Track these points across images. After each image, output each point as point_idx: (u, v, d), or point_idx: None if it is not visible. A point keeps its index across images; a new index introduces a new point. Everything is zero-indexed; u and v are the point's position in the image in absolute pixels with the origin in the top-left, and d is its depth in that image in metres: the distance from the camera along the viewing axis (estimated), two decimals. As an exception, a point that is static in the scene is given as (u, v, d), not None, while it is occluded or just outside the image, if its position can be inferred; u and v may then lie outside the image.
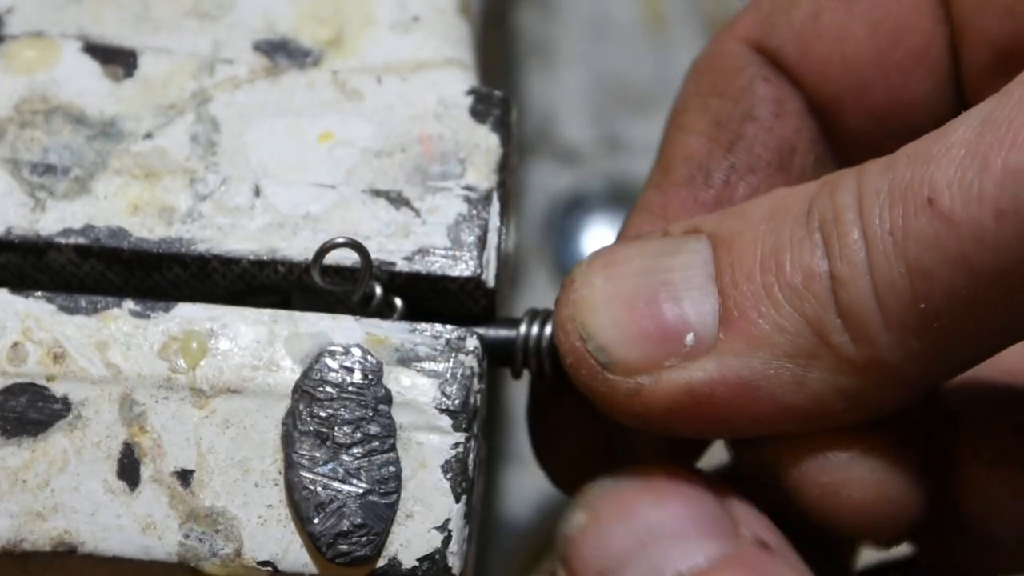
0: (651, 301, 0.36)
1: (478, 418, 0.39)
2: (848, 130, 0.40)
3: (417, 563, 0.38)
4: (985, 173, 0.32)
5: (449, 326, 0.39)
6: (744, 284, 0.35)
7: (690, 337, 0.35)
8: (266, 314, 0.39)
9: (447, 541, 0.38)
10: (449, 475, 0.38)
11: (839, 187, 0.34)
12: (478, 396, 0.39)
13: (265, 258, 0.40)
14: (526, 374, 0.41)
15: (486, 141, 0.41)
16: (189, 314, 0.39)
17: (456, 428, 0.38)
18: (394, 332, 0.39)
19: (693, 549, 0.34)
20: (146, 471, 0.38)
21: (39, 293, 0.39)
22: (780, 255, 0.34)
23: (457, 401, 0.39)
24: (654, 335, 0.35)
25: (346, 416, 0.38)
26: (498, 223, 0.40)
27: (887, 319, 0.33)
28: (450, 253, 0.40)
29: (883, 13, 0.39)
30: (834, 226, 0.34)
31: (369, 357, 0.39)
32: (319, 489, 0.37)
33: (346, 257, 0.39)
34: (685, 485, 0.36)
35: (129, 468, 0.38)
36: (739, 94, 0.40)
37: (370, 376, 0.38)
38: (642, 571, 0.34)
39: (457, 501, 0.38)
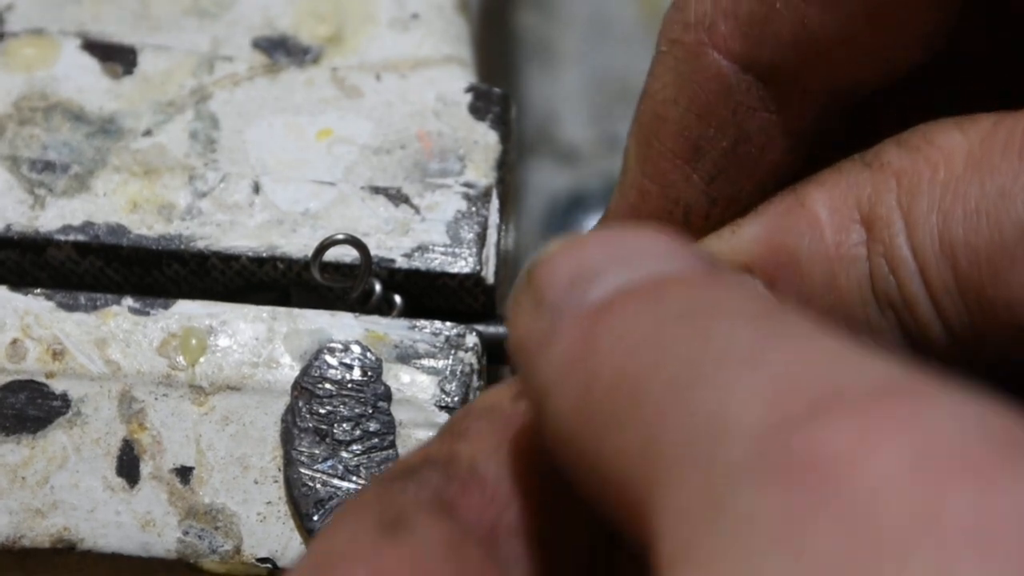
0: None
1: (477, 415, 0.39)
2: (829, 124, 0.39)
3: (416, 560, 0.38)
4: None
5: (448, 323, 0.39)
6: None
7: None
8: (265, 311, 0.39)
9: (446, 538, 0.38)
10: (448, 472, 0.38)
11: (899, 267, 0.33)
12: (477, 393, 0.39)
13: (264, 255, 0.40)
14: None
15: (485, 138, 0.41)
16: (188, 311, 0.39)
17: (455, 425, 0.38)
18: (393, 329, 0.39)
19: (679, 262, 0.30)
20: (145, 468, 0.38)
21: (38, 290, 0.39)
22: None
23: (456, 398, 0.39)
24: None
25: (345, 413, 0.38)
26: (497, 220, 0.40)
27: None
28: (449, 250, 0.40)
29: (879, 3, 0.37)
30: (910, 316, 0.33)
31: (368, 354, 0.38)
32: (318, 486, 0.37)
33: (345, 254, 0.39)
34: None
35: (128, 465, 0.38)
36: (722, 124, 0.37)
37: (369, 373, 0.38)
38: (621, 273, 0.29)
39: (456, 498, 0.38)
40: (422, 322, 0.39)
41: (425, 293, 0.40)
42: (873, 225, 0.34)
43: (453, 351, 0.39)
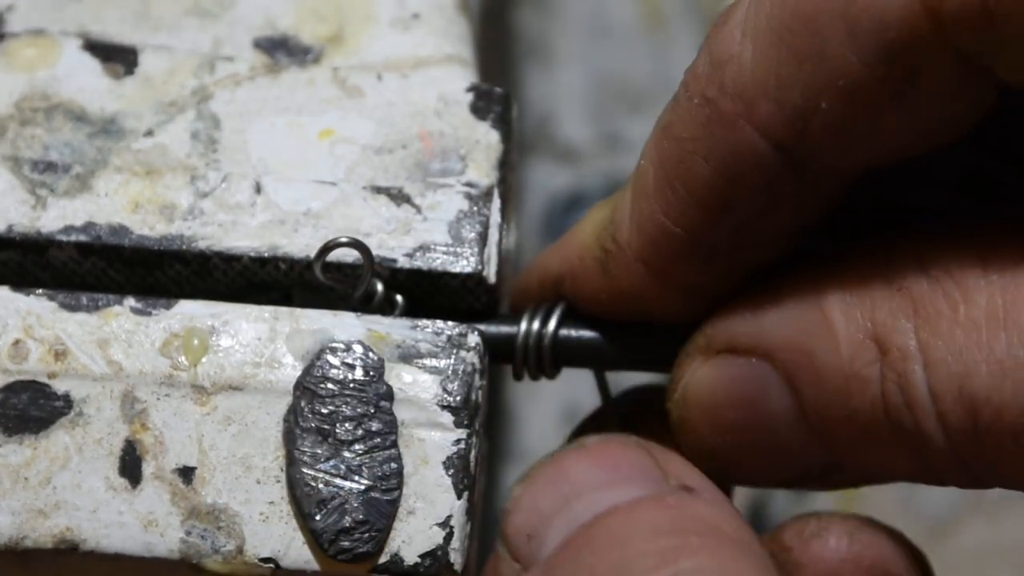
0: (761, 457, 0.38)
1: (479, 415, 0.39)
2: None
3: (419, 559, 0.38)
4: None
5: (450, 322, 0.39)
6: (833, 446, 0.36)
7: None
8: (267, 311, 0.39)
9: (449, 537, 0.38)
10: (451, 471, 0.38)
11: (917, 405, 0.34)
12: (479, 392, 0.39)
13: (266, 255, 0.40)
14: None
15: (486, 138, 0.41)
16: (190, 311, 0.39)
17: (458, 424, 0.38)
18: (395, 328, 0.39)
19: (615, 495, 0.34)
20: (148, 468, 0.38)
21: (40, 291, 0.39)
22: None
23: (459, 397, 0.39)
24: (776, 479, 0.39)
25: (348, 413, 0.38)
26: (499, 219, 0.40)
27: None
28: (451, 249, 0.40)
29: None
30: (923, 446, 0.35)
31: (370, 354, 0.39)
32: (321, 486, 0.37)
33: (348, 254, 0.39)
34: (617, 444, 0.36)
35: (131, 465, 0.38)
36: (753, 192, 0.36)
37: (371, 372, 0.38)
38: (564, 523, 0.34)
39: (459, 497, 0.38)
40: (424, 322, 0.39)
41: (427, 293, 0.40)
42: (888, 351, 0.34)
43: (455, 350, 0.39)
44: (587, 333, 0.40)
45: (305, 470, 0.38)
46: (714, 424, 0.37)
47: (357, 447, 0.38)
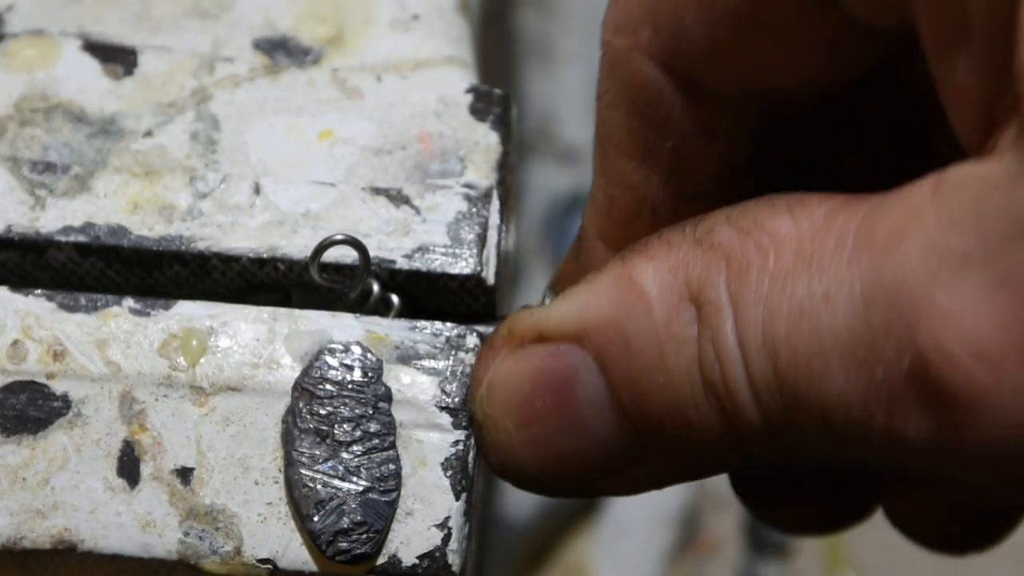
0: (568, 450, 0.36)
1: (478, 416, 0.39)
2: (783, 136, 0.39)
3: (417, 561, 0.38)
4: None
5: (449, 324, 0.39)
6: (644, 424, 0.35)
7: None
8: (266, 312, 0.39)
9: (447, 539, 0.38)
10: (449, 473, 0.38)
11: (724, 354, 0.33)
12: (478, 394, 0.39)
13: (265, 256, 0.40)
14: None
15: (486, 139, 0.41)
16: (189, 312, 0.39)
17: (456, 426, 0.38)
18: (394, 330, 0.39)
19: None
20: (146, 469, 0.38)
21: (39, 291, 0.39)
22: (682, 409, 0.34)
23: (457, 399, 0.39)
24: (581, 471, 0.36)
25: (346, 414, 0.38)
26: (498, 221, 0.40)
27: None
28: (450, 251, 0.40)
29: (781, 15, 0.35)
30: (730, 402, 0.33)
31: (369, 355, 0.39)
32: (319, 487, 0.37)
33: (345, 255, 0.39)
34: None
35: (129, 466, 0.38)
36: (662, 125, 0.37)
37: (370, 374, 0.38)
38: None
39: (457, 499, 0.38)
40: (422, 323, 0.39)
41: (426, 294, 0.40)
42: (703, 307, 0.34)
43: (453, 352, 0.39)
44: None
45: (303, 471, 0.38)
46: (521, 416, 0.36)
47: (355, 448, 0.38)
